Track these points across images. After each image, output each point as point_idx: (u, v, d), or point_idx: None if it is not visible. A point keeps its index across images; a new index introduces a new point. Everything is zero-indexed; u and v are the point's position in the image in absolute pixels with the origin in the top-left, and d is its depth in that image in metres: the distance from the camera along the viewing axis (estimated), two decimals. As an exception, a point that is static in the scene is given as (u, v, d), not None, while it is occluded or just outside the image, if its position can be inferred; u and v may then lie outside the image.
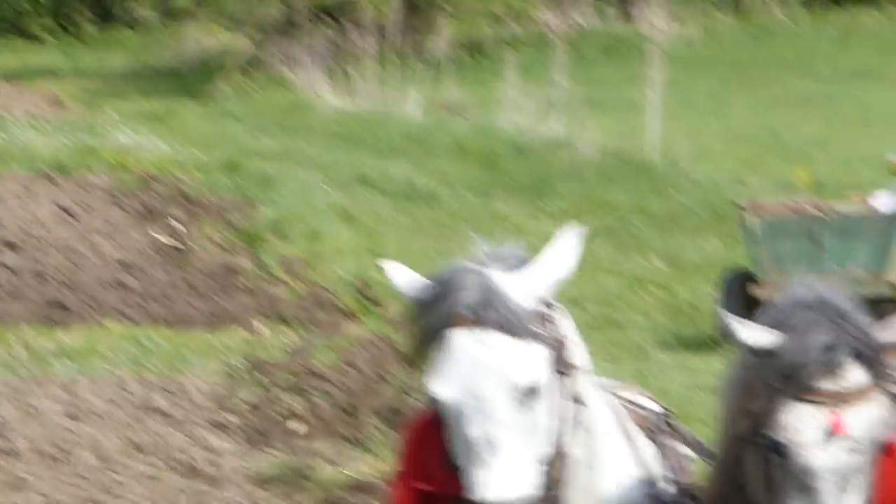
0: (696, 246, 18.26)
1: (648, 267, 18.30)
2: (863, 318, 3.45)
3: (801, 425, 3.40)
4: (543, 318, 3.47)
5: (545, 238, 11.47)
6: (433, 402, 3.50)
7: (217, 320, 14.77)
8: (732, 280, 15.10)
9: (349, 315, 15.23)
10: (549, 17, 30.50)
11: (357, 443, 10.96)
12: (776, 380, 3.44)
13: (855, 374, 3.39)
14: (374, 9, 32.58)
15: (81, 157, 22.60)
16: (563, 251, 3.57)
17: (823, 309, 3.45)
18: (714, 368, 12.86)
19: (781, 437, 3.41)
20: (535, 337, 3.41)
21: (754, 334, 3.43)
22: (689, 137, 22.89)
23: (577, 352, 3.65)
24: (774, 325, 3.44)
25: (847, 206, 15.10)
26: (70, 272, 16.88)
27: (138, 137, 24.38)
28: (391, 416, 11.23)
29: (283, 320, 14.93)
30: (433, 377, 3.41)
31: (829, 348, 3.37)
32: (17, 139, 24.97)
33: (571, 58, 26.89)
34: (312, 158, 23.88)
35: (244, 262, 17.19)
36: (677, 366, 13.71)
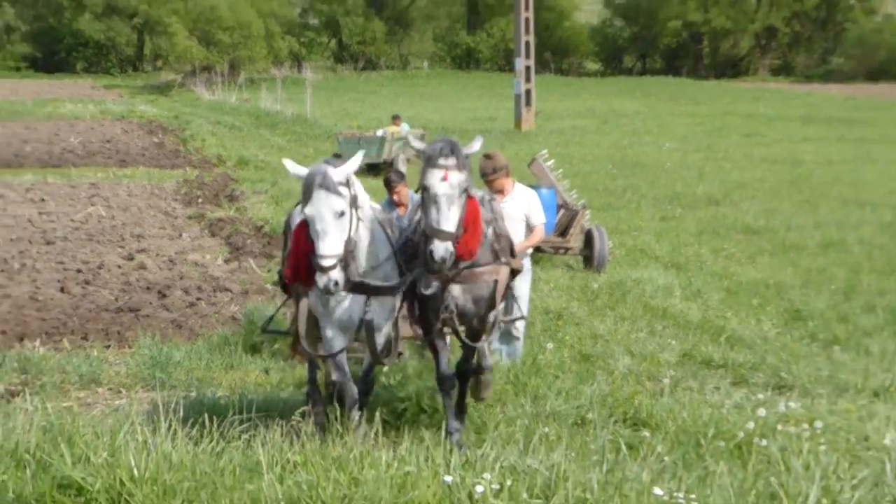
0: (319, 149, 29.84)
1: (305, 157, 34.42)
2: (458, 145, 7.36)
3: (432, 177, 7.29)
4: (347, 184, 7.27)
5: (278, 146, 32.45)
6: (304, 217, 7.33)
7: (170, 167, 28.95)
8: (335, 157, 26.45)
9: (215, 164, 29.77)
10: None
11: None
12: (425, 160, 7.39)
13: (451, 160, 7.30)
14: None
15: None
16: (355, 160, 7.57)
17: (445, 140, 7.42)
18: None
19: (426, 181, 7.32)
20: (342, 193, 7.16)
21: (418, 143, 7.70)
22: (322, 111, 45.27)
23: (363, 197, 7.56)
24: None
25: (370, 133, 27.10)
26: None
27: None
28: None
29: (198, 166, 28.75)
30: (306, 206, 7.16)
31: (442, 147, 7.31)
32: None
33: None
34: (206, 115, 45.16)
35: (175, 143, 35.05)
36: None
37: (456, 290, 7.73)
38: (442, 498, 4.97)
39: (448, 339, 8.09)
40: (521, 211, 9.86)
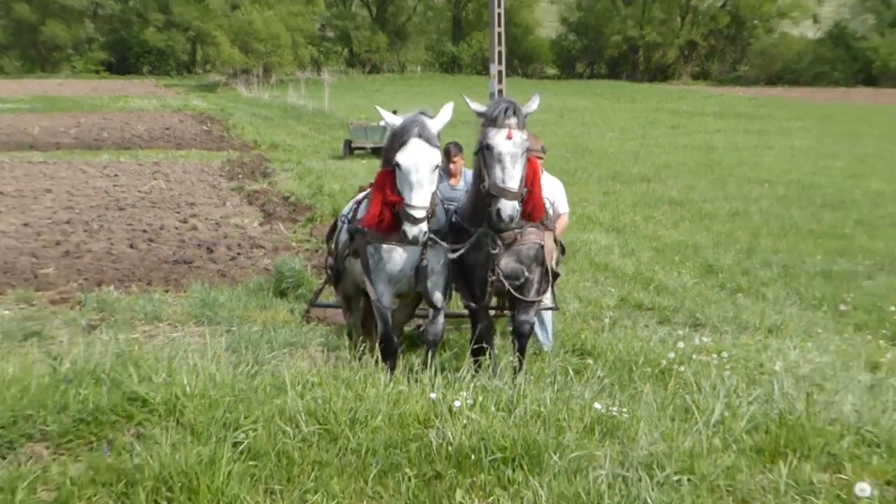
0: (334, 136, 29.53)
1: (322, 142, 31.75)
2: (519, 105, 6.16)
3: (496, 136, 6.06)
4: (439, 137, 6.09)
5: (301, 133, 31.78)
6: (394, 165, 6.04)
7: (216, 149, 28.34)
8: (347, 142, 26.31)
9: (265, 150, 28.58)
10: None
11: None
12: (486, 121, 6.16)
13: (514, 119, 6.08)
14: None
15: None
16: (445, 113, 6.24)
17: (506, 100, 6.23)
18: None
19: (490, 141, 6.10)
20: (437, 145, 6.01)
21: (477, 106, 6.30)
22: (337, 106, 43.41)
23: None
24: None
25: (374, 123, 25.59)
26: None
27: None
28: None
29: (238, 149, 28.28)
30: (400, 155, 5.96)
31: (506, 107, 6.11)
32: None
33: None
34: (245, 109, 44.77)
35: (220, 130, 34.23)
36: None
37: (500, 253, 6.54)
38: (428, 410, 5.01)
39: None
40: (547, 199, 7.65)
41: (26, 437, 4.81)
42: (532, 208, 6.45)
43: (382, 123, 22.10)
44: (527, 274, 6.60)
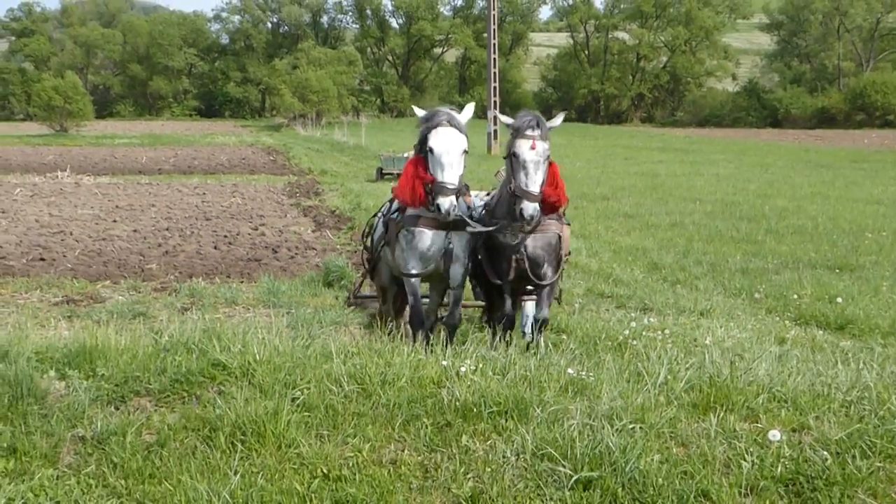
0: (369, 165, 28.51)
1: (360, 170, 31.66)
2: (543, 119, 5.57)
3: (522, 145, 5.50)
4: (465, 127, 5.55)
5: (344, 162, 30.06)
6: (426, 150, 5.38)
7: (280, 174, 27.55)
8: (379, 169, 25.46)
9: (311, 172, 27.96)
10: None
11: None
12: (514, 132, 5.57)
13: (538, 131, 5.51)
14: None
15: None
16: (468, 110, 5.75)
17: (531, 114, 5.65)
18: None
19: (516, 150, 5.53)
20: (465, 132, 5.47)
21: (507, 119, 5.71)
22: (371, 142, 40.55)
23: None
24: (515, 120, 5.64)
25: (400, 154, 24.92)
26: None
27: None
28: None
29: (297, 174, 27.53)
30: (433, 141, 5.35)
31: (530, 120, 5.54)
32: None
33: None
34: (302, 144, 42.57)
35: (283, 160, 32.63)
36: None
37: (528, 238, 5.87)
38: (441, 374, 4.95)
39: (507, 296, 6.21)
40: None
41: (134, 393, 4.78)
42: (556, 199, 5.82)
43: (406, 154, 21.65)
44: (546, 259, 5.97)
